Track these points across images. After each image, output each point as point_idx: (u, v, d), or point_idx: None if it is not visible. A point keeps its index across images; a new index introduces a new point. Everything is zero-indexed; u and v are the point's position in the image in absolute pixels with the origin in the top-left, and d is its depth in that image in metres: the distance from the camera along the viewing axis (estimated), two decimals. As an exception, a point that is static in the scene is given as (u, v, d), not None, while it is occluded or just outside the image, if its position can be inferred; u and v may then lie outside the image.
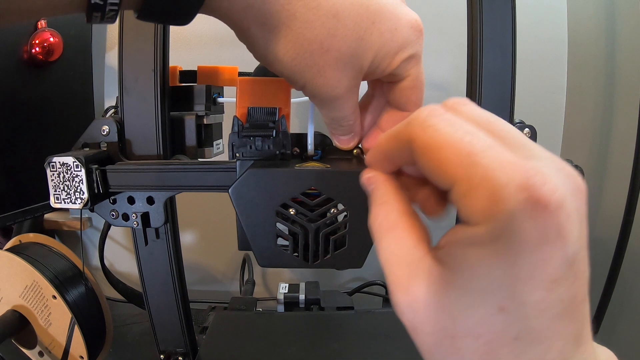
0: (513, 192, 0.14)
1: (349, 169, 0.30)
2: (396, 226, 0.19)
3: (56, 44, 0.65)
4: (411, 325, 0.18)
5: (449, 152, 0.16)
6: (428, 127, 0.17)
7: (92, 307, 0.55)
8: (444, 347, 0.17)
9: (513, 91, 0.44)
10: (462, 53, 0.45)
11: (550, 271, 0.15)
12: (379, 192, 0.21)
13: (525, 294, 0.15)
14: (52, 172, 0.37)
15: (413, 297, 0.18)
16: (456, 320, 0.17)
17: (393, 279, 0.19)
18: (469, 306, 0.16)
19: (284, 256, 0.30)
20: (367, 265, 0.31)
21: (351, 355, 0.53)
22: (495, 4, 0.43)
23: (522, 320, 0.16)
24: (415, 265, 0.18)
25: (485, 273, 0.16)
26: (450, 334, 0.17)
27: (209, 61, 0.50)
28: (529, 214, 0.14)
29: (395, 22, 0.25)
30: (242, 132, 0.33)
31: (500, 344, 0.16)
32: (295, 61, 0.25)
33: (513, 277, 0.15)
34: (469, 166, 0.15)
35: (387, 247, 0.19)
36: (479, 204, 0.15)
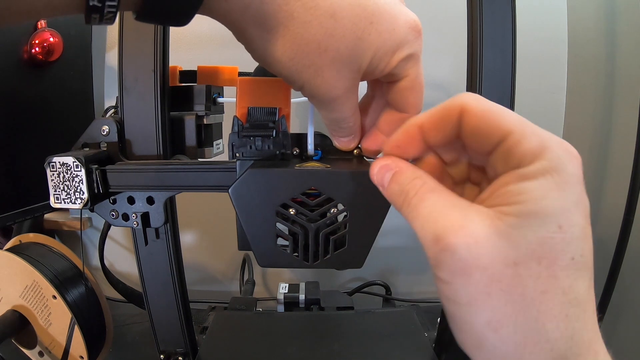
0: (557, 144, 0.19)
1: (349, 169, 0.30)
2: (437, 188, 0.21)
3: (56, 44, 0.65)
4: (465, 264, 0.18)
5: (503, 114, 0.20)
6: (481, 100, 0.21)
7: (92, 307, 0.55)
8: (505, 278, 0.18)
9: (513, 91, 0.44)
10: (462, 53, 0.45)
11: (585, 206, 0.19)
12: (408, 171, 0.22)
13: (575, 216, 0.18)
14: (52, 172, 0.37)
15: (468, 231, 0.18)
16: (519, 245, 0.18)
17: (442, 227, 0.19)
18: (532, 228, 0.18)
19: (284, 256, 0.30)
20: (367, 265, 0.31)
21: (351, 355, 0.53)
22: (495, 4, 0.43)
23: (576, 239, 0.18)
24: (466, 209, 0.19)
25: (545, 197, 0.18)
26: (512, 260, 0.18)
27: (209, 61, 0.50)
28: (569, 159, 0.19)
29: (393, 22, 0.25)
30: (242, 132, 0.33)
31: (560, 265, 0.18)
32: (293, 61, 0.25)
33: (566, 200, 0.18)
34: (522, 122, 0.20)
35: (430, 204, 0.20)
36: (533, 146, 0.19)
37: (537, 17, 0.78)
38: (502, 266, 0.18)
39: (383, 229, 0.30)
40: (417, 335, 0.57)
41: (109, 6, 0.20)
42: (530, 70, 0.75)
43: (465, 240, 0.18)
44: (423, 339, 0.56)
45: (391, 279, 0.86)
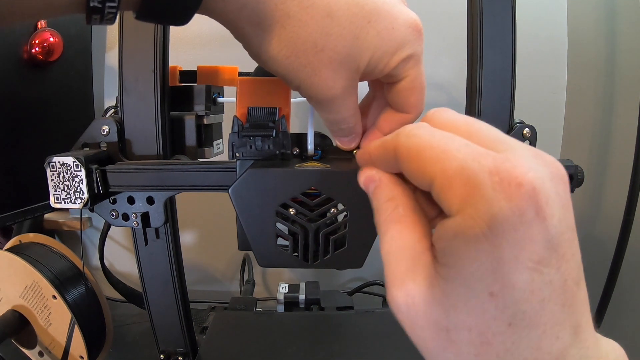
0: (487, 176, 0.15)
1: (349, 169, 0.30)
2: (403, 219, 0.20)
3: (56, 44, 0.65)
4: (406, 320, 0.18)
5: (428, 153, 0.18)
6: (412, 136, 0.19)
7: (92, 307, 0.55)
8: (440, 341, 0.17)
9: (513, 91, 0.43)
10: (462, 53, 0.45)
11: (533, 251, 0.15)
12: (386, 189, 0.22)
13: (512, 275, 0.16)
14: (52, 172, 0.37)
15: (407, 291, 0.18)
16: (449, 313, 0.17)
17: (391, 271, 0.19)
18: (460, 297, 0.16)
19: (284, 256, 0.30)
20: (367, 265, 0.31)
21: (351, 355, 0.53)
22: (495, 4, 0.43)
23: (513, 304, 0.16)
24: (414, 260, 0.19)
25: (472, 260, 0.16)
26: (444, 327, 0.17)
27: (209, 61, 0.50)
28: (504, 195, 0.15)
29: (392, 21, 0.25)
30: (242, 132, 0.33)
31: (494, 332, 0.16)
32: (289, 60, 0.25)
33: (498, 260, 0.15)
34: (445, 161, 0.17)
35: (390, 239, 0.20)
36: (456, 193, 0.16)
37: (537, 17, 0.78)
38: (436, 329, 0.17)
39: (383, 229, 0.30)
40: (417, 335, 0.57)
41: (110, 7, 0.20)
42: (530, 70, 0.75)
43: (405, 299, 0.18)
44: (423, 339, 0.56)
45: (391, 279, 0.85)
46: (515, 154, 0.16)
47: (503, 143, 0.18)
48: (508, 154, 0.16)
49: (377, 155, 0.22)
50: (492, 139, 0.18)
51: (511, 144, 0.17)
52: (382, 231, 0.21)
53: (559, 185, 0.16)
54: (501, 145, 0.17)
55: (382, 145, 0.21)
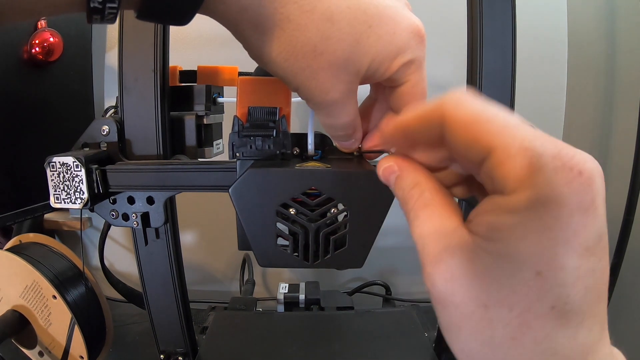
0: (550, 159, 0.15)
1: (349, 169, 0.30)
2: (430, 203, 0.20)
3: (56, 44, 0.65)
4: (441, 296, 0.18)
5: (486, 123, 0.17)
6: (462, 104, 0.18)
7: (92, 307, 0.55)
8: (475, 318, 0.17)
9: (513, 91, 0.44)
10: (462, 53, 0.45)
11: (585, 238, 0.15)
12: (408, 177, 0.21)
13: (563, 257, 0.15)
14: (52, 172, 0.37)
15: (446, 266, 0.18)
16: (490, 289, 0.16)
17: (427, 251, 0.19)
18: (505, 273, 0.16)
19: (284, 256, 0.30)
20: (367, 265, 0.31)
21: (351, 355, 0.53)
22: (495, 4, 0.43)
23: (558, 286, 0.16)
24: (448, 237, 0.18)
25: (524, 237, 0.16)
26: (483, 303, 0.17)
27: (209, 61, 0.50)
28: (565, 180, 0.15)
29: (394, 26, 0.25)
30: (242, 132, 0.33)
31: (535, 314, 0.16)
32: (288, 62, 0.25)
33: (551, 241, 0.15)
34: (507, 136, 0.16)
35: (421, 223, 0.20)
36: (517, 171, 0.16)
37: (537, 17, 0.78)
38: (474, 306, 0.17)
39: (383, 229, 0.30)
40: (417, 335, 0.57)
41: (110, 7, 0.20)
42: (530, 70, 0.75)
43: (443, 275, 0.18)
44: (423, 339, 0.56)
45: (391, 279, 0.85)
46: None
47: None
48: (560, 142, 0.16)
49: (415, 128, 0.20)
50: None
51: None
52: (412, 217, 0.20)
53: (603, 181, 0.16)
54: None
55: (422, 116, 0.20)
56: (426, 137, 0.20)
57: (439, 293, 0.18)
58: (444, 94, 0.19)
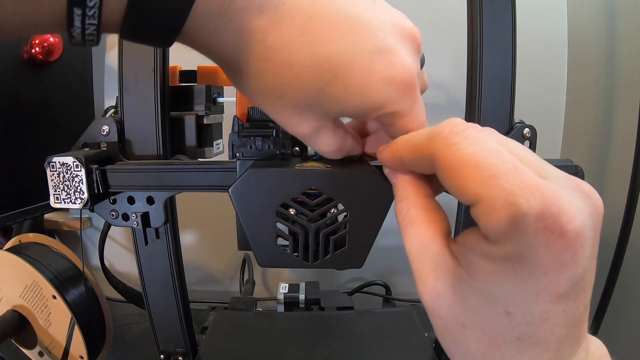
0: (533, 220, 0.15)
1: (349, 169, 0.30)
2: (415, 221, 0.21)
3: (56, 44, 0.65)
4: (429, 309, 0.20)
5: (473, 172, 0.17)
6: (451, 145, 0.18)
7: (92, 307, 0.55)
8: (455, 332, 0.19)
9: (513, 91, 0.43)
10: (462, 53, 0.45)
11: (558, 289, 0.16)
12: (400, 188, 0.23)
13: (531, 305, 0.17)
14: (52, 172, 0.37)
15: (432, 286, 0.20)
16: (467, 313, 0.18)
17: (415, 269, 0.21)
18: (479, 304, 0.18)
19: (284, 256, 0.30)
20: (367, 265, 0.31)
21: (351, 355, 0.53)
22: (495, 4, 0.43)
23: (525, 324, 0.17)
24: (433, 260, 0.20)
25: (496, 283, 0.17)
26: (461, 322, 0.19)
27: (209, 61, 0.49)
28: (545, 242, 0.15)
29: (366, 77, 0.22)
30: (242, 132, 0.33)
31: (503, 340, 0.18)
32: (254, 97, 0.25)
33: (522, 291, 0.17)
34: (492, 188, 0.16)
35: (408, 241, 0.21)
36: (499, 225, 0.16)
37: (537, 18, 0.78)
38: (454, 323, 0.19)
39: (383, 229, 0.30)
40: (417, 335, 0.57)
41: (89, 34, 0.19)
42: (530, 70, 0.75)
43: (429, 294, 0.20)
44: (423, 339, 0.56)
45: (391, 279, 0.86)
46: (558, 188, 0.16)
47: (543, 168, 0.18)
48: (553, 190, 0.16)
49: (409, 160, 0.22)
50: (531, 161, 0.18)
51: (550, 170, 0.18)
52: (402, 231, 0.22)
53: (595, 219, 0.17)
54: (541, 171, 0.17)
55: (415, 150, 0.21)
56: (419, 168, 0.22)
57: (427, 306, 0.20)
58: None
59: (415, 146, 0.21)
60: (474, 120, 0.44)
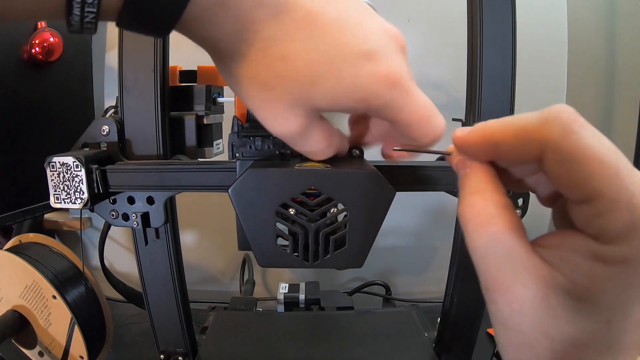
0: None
1: (349, 168, 0.29)
2: (495, 220, 0.18)
3: (56, 44, 0.65)
4: (506, 321, 0.18)
5: (597, 167, 0.16)
6: (572, 134, 0.17)
7: (92, 307, 0.55)
8: (538, 347, 0.17)
9: (513, 91, 0.44)
10: (462, 53, 0.45)
11: None
12: (474, 179, 0.20)
13: (635, 312, 0.16)
14: (52, 172, 0.37)
15: (515, 296, 0.17)
16: (561, 324, 0.17)
17: (492, 277, 0.18)
18: (578, 315, 0.16)
19: (283, 256, 0.30)
20: (367, 265, 0.31)
21: (351, 355, 0.53)
22: (495, 4, 0.43)
23: (621, 333, 0.16)
24: (520, 266, 0.18)
25: (605, 289, 0.16)
26: (550, 336, 0.17)
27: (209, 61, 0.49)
28: None
29: (357, 70, 0.23)
30: (241, 132, 0.33)
31: (595, 351, 0.17)
32: (242, 90, 0.25)
33: (630, 297, 0.16)
34: (617, 186, 0.16)
35: (485, 243, 0.18)
36: (619, 225, 0.15)
37: (537, 18, 0.78)
38: (540, 337, 0.17)
39: (383, 229, 0.30)
40: (417, 335, 0.57)
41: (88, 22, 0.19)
42: (530, 70, 0.75)
43: (510, 305, 0.17)
44: (423, 339, 0.56)
45: (391, 279, 0.86)
46: None
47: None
48: None
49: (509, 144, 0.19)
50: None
51: None
52: (470, 230, 0.19)
53: None
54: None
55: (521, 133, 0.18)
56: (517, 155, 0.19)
57: (504, 318, 0.18)
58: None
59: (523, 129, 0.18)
60: (474, 120, 0.44)
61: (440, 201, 0.85)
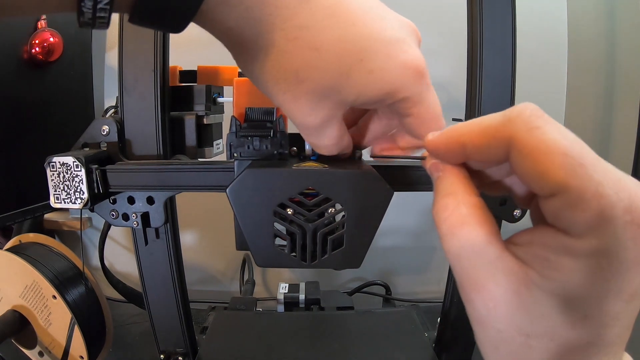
0: (621, 213, 0.15)
1: (347, 169, 0.30)
2: (467, 221, 0.18)
3: (56, 44, 0.65)
4: (482, 320, 0.18)
5: (560, 159, 0.16)
6: (535, 129, 0.17)
7: (92, 307, 0.55)
8: (515, 343, 0.17)
9: (513, 91, 0.43)
10: (462, 53, 0.45)
11: (635, 286, 0.16)
12: (446, 181, 0.20)
13: (610, 305, 0.16)
14: (52, 172, 0.37)
15: (489, 294, 0.17)
16: (534, 321, 0.17)
17: (467, 276, 0.18)
18: (552, 310, 0.17)
19: (281, 256, 0.30)
20: (367, 265, 0.31)
21: (351, 355, 0.53)
22: (495, 4, 0.43)
23: (600, 327, 0.16)
24: (492, 264, 0.18)
25: (578, 283, 0.16)
26: (525, 332, 0.17)
27: (209, 61, 0.50)
28: (631, 235, 0.15)
29: (387, 61, 0.24)
30: (239, 132, 0.33)
31: (574, 347, 0.17)
32: (269, 83, 0.24)
33: (605, 290, 0.16)
34: (582, 177, 0.15)
35: (456, 243, 0.18)
36: (586, 217, 0.15)
37: (537, 18, 0.78)
38: (516, 333, 0.17)
39: (383, 229, 0.30)
40: (417, 335, 0.57)
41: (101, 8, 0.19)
42: (530, 70, 0.75)
43: (485, 303, 0.18)
44: (423, 339, 0.56)
45: (391, 279, 0.86)
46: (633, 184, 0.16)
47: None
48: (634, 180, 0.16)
49: (476, 145, 0.19)
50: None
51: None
52: (445, 232, 0.19)
53: None
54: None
55: (487, 133, 0.18)
56: (485, 155, 0.19)
57: (480, 316, 0.18)
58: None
59: (487, 129, 0.18)
60: (474, 120, 0.44)
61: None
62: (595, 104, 0.80)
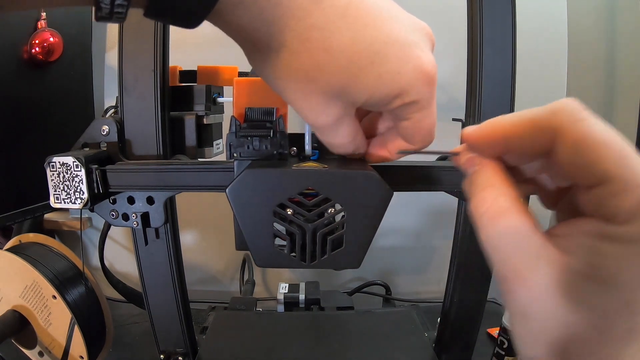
0: None
1: (346, 169, 0.30)
2: (508, 212, 0.18)
3: (56, 44, 0.65)
4: (524, 310, 0.18)
5: (606, 150, 0.17)
6: (581, 120, 0.17)
7: (92, 307, 0.55)
8: (555, 333, 0.17)
9: (513, 91, 0.43)
10: (462, 53, 0.45)
11: None
12: (485, 175, 0.20)
13: None
14: (52, 172, 0.37)
15: (532, 284, 0.17)
16: (579, 309, 0.17)
17: (506, 267, 0.18)
18: (598, 298, 0.17)
19: (281, 256, 0.30)
20: (367, 265, 0.31)
21: (351, 355, 0.53)
22: (495, 4, 0.43)
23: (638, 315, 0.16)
24: (535, 254, 0.18)
25: (622, 269, 0.16)
26: (569, 321, 0.17)
27: (209, 61, 0.50)
28: None
29: (399, 65, 0.24)
30: (239, 132, 0.33)
31: (615, 334, 0.17)
32: (281, 81, 0.25)
33: None
34: (626, 167, 0.16)
35: (498, 234, 0.18)
36: (632, 204, 0.16)
37: (537, 18, 0.78)
38: (558, 323, 0.17)
39: (383, 229, 0.29)
40: (417, 335, 0.57)
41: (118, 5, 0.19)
42: (530, 70, 0.75)
43: (528, 293, 0.18)
44: (423, 339, 0.56)
45: (391, 279, 0.85)
46: None
47: None
48: None
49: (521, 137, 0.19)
50: None
51: None
52: (484, 223, 0.19)
53: None
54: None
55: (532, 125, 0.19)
56: (528, 146, 0.19)
57: (522, 307, 0.18)
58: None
59: (532, 121, 0.19)
60: (474, 120, 0.44)
61: (440, 201, 0.84)
62: (595, 104, 0.80)
